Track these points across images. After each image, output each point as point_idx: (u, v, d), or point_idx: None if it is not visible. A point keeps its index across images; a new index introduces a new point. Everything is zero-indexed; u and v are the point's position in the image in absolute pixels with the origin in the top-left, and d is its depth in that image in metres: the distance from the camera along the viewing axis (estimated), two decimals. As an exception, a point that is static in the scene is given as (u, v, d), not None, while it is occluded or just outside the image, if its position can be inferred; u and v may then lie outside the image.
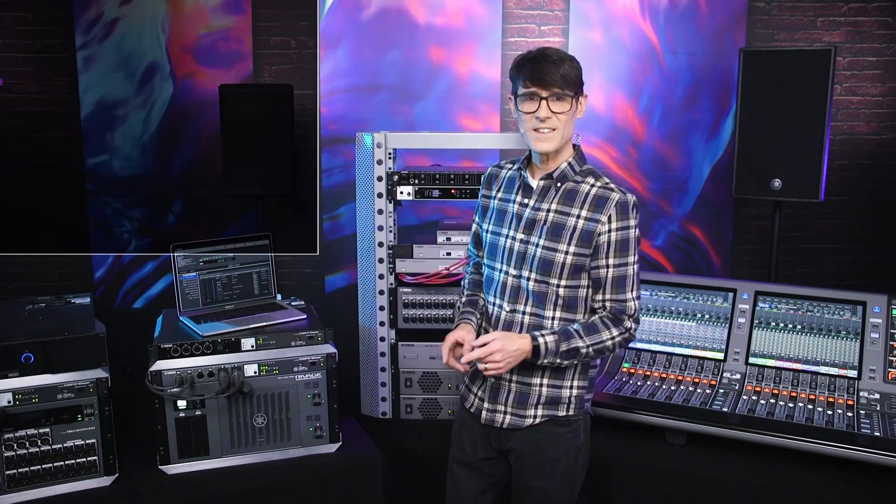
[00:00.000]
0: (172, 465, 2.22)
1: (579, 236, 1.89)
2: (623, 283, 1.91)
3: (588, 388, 2.01)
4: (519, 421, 1.96)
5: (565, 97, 1.87)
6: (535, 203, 1.95)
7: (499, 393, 1.98)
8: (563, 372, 1.95)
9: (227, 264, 2.52)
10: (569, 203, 1.92)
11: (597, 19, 3.63)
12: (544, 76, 1.84)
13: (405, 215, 3.35)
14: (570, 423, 1.97)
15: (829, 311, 2.55)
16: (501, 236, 2.00)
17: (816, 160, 3.01)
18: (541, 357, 1.88)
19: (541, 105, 1.86)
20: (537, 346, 1.87)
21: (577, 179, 1.94)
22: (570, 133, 1.93)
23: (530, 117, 1.88)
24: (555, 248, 1.90)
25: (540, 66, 1.85)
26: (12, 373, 2.06)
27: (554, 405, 1.95)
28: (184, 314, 2.44)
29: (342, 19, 3.63)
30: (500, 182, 2.07)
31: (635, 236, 1.91)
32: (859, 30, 3.62)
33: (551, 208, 1.93)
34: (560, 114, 1.87)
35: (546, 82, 1.85)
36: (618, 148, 3.72)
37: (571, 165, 1.94)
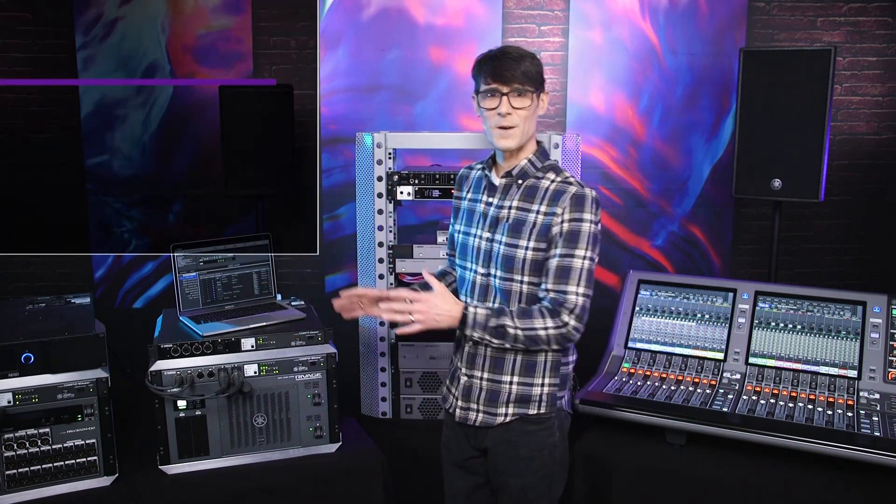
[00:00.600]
0: (172, 465, 2.22)
1: (538, 231, 1.90)
2: (567, 274, 1.86)
3: (560, 386, 1.99)
4: (490, 419, 1.97)
5: (526, 93, 1.89)
6: (499, 201, 1.98)
7: (471, 391, 2.00)
8: (532, 370, 1.95)
9: (227, 264, 2.52)
10: (529, 199, 1.93)
11: (597, 19, 3.63)
12: (505, 72, 1.87)
13: (405, 215, 3.35)
14: (542, 420, 1.97)
15: (829, 311, 2.55)
16: (471, 236, 2.03)
17: (816, 160, 3.01)
18: (467, 326, 1.87)
19: (502, 101, 1.89)
20: (466, 314, 1.87)
21: (539, 176, 1.95)
22: (532, 129, 1.95)
23: (492, 114, 1.90)
24: (516, 245, 1.92)
25: (501, 62, 1.88)
26: (12, 373, 2.06)
27: (524, 403, 1.95)
28: (184, 314, 2.44)
29: (342, 19, 3.63)
30: (470, 183, 2.11)
31: (590, 231, 1.87)
32: (859, 30, 3.62)
33: (513, 205, 1.95)
34: (520, 110, 1.89)
35: (506, 78, 1.87)
36: (618, 148, 3.72)
37: (532, 162, 1.96)
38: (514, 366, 1.95)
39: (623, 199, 3.76)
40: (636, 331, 2.71)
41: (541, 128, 3.67)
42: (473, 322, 1.88)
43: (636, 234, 3.79)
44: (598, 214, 1.90)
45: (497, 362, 1.96)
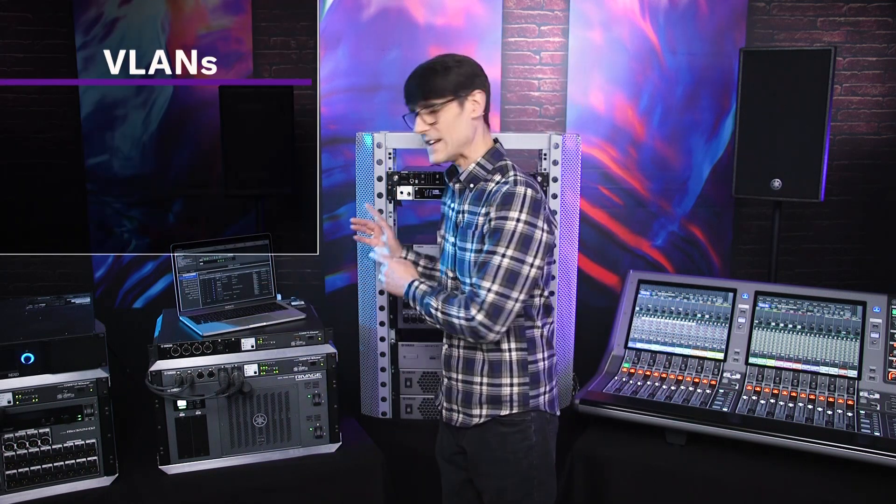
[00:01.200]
0: (172, 465, 2.22)
1: (478, 234, 1.90)
2: (484, 270, 1.81)
3: (531, 385, 1.95)
4: (468, 419, 1.98)
5: (437, 107, 1.90)
6: (457, 206, 2.02)
7: (451, 392, 2.02)
8: (499, 370, 1.94)
9: (227, 264, 2.52)
10: (476, 203, 1.93)
11: (597, 19, 3.63)
12: (409, 93, 1.94)
13: (405, 215, 3.35)
14: (516, 423, 1.95)
15: (829, 311, 2.55)
16: (447, 241, 2.07)
17: (816, 160, 3.01)
18: (409, 297, 1.99)
19: (416, 121, 1.94)
20: (410, 285, 1.99)
21: (487, 178, 1.95)
22: (462, 136, 1.94)
23: (418, 133, 1.96)
24: (465, 248, 1.94)
25: (407, 84, 1.94)
26: (12, 373, 2.06)
27: (496, 404, 1.95)
28: (184, 314, 2.44)
29: (342, 19, 3.63)
30: (448, 189, 2.13)
31: (517, 229, 1.80)
32: (859, 30, 3.62)
33: (464, 209, 1.98)
34: (435, 123, 1.91)
35: (412, 98, 1.93)
36: (618, 148, 3.72)
37: (482, 165, 1.96)
38: (483, 367, 1.96)
39: (623, 199, 3.76)
40: (636, 331, 2.71)
41: (541, 128, 3.68)
42: (413, 295, 1.98)
43: (636, 234, 3.79)
44: (534, 214, 1.82)
45: (468, 363, 1.97)
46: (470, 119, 1.93)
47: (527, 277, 1.82)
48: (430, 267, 2.29)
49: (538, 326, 1.97)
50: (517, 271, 1.81)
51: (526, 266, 1.81)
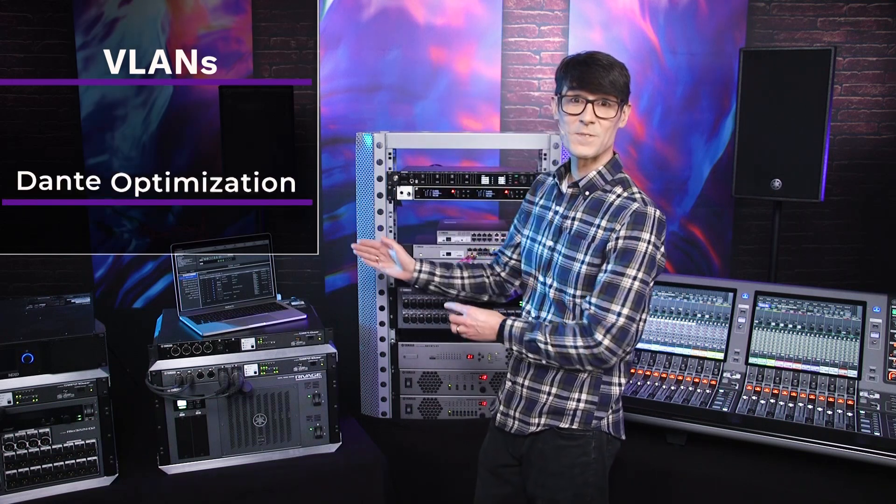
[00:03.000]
0: (172, 465, 2.22)
1: (595, 246, 1.85)
2: (612, 292, 1.79)
3: (599, 406, 1.92)
4: (524, 427, 1.96)
5: (611, 103, 1.84)
6: (564, 211, 1.95)
7: (512, 398, 1.99)
8: (571, 383, 1.91)
9: (227, 264, 2.52)
10: (593, 212, 1.88)
11: (597, 19, 3.63)
12: (593, 80, 1.81)
13: (405, 215, 3.35)
14: (576, 437, 1.92)
15: (829, 311, 2.55)
16: (537, 243, 2.00)
17: (816, 160, 3.01)
18: (504, 338, 1.91)
19: (586, 108, 1.83)
20: (503, 327, 1.90)
21: (606, 189, 1.90)
22: (611, 141, 1.91)
23: (574, 119, 1.85)
24: (573, 258, 1.88)
25: (590, 69, 1.82)
26: (12, 373, 2.06)
27: (557, 415, 1.92)
28: (184, 314, 2.44)
29: (342, 19, 3.63)
30: (545, 189, 2.07)
31: (647, 251, 1.79)
32: (859, 30, 3.62)
33: (576, 217, 1.91)
34: (604, 119, 1.84)
35: (594, 86, 1.81)
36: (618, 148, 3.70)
37: (602, 175, 1.91)
38: (555, 376, 1.92)
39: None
40: (636, 331, 2.71)
41: (541, 128, 3.68)
42: (510, 335, 1.90)
43: (636, 234, 3.79)
44: (660, 236, 1.82)
45: (539, 371, 1.94)
46: (618, 127, 1.90)
47: (649, 298, 1.85)
48: (447, 276, 2.22)
49: None
50: (643, 293, 1.80)
51: (648, 287, 1.82)
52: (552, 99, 1.94)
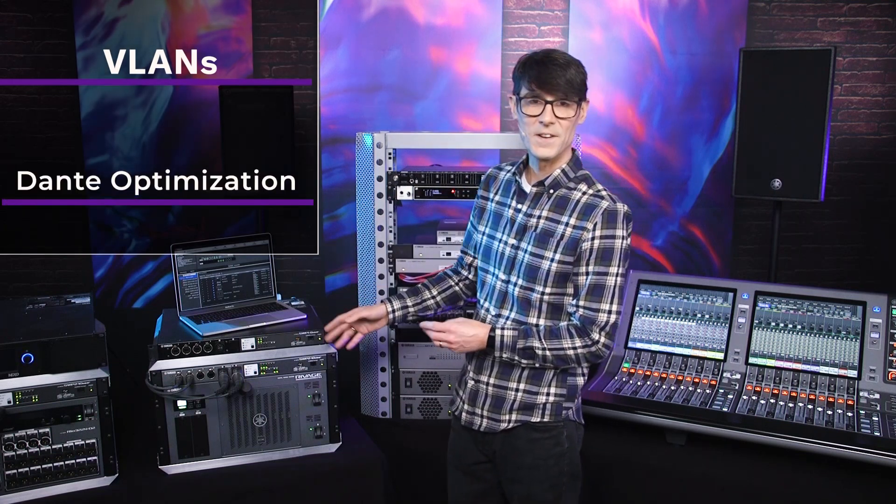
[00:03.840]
0: (172, 465, 2.22)
1: (565, 244, 1.87)
2: (599, 293, 1.85)
3: (567, 397, 1.96)
4: (494, 425, 1.96)
5: (570, 103, 1.84)
6: (528, 209, 1.95)
7: (477, 396, 1.99)
8: (539, 379, 1.93)
9: (227, 264, 2.52)
10: (559, 210, 1.90)
11: (597, 19, 3.63)
12: (550, 80, 1.81)
13: (405, 215, 3.35)
14: (549, 429, 1.94)
15: (829, 311, 2.55)
16: (496, 240, 2.00)
17: (816, 160, 3.01)
18: (496, 349, 1.89)
19: (545, 109, 1.83)
20: (493, 336, 1.89)
21: (570, 186, 1.92)
22: (571, 139, 1.92)
23: (533, 121, 1.85)
24: (541, 255, 1.89)
25: (547, 69, 1.82)
26: (12, 373, 2.06)
27: (528, 410, 1.94)
28: (184, 314, 2.44)
29: (342, 19, 3.63)
30: (499, 185, 2.06)
31: (622, 247, 1.85)
32: (859, 30, 3.62)
33: (542, 215, 1.92)
34: (564, 119, 1.85)
35: (552, 87, 1.82)
36: (618, 148, 3.72)
37: (565, 172, 1.93)
38: (522, 373, 1.94)
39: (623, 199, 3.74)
40: (636, 331, 2.71)
41: (541, 128, 3.68)
42: (501, 345, 1.89)
43: (636, 234, 3.79)
44: (629, 230, 1.88)
45: (505, 369, 1.95)
46: (577, 124, 1.91)
47: None
48: (418, 302, 2.20)
49: None
50: (622, 287, 1.88)
51: (625, 280, 1.90)
52: (510, 99, 1.94)
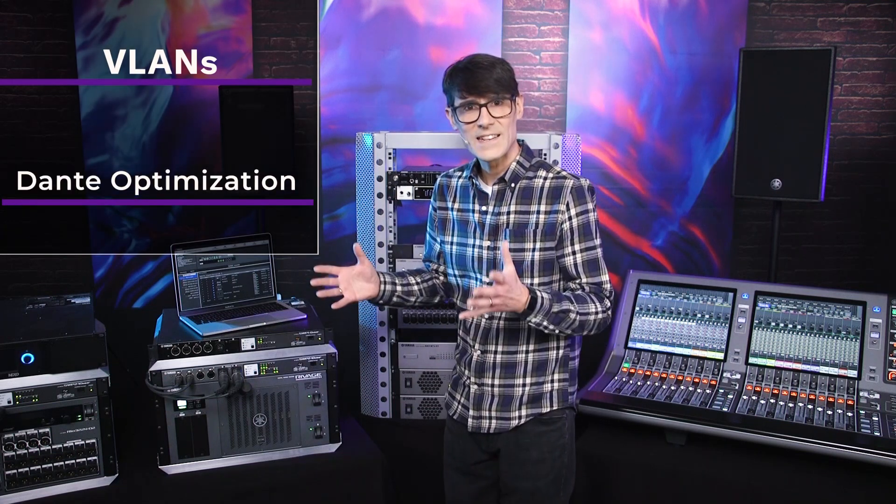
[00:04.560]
0: (172, 465, 2.22)
1: (543, 231, 1.89)
2: (595, 266, 1.91)
3: (569, 381, 1.99)
4: (505, 424, 1.96)
5: (503, 101, 1.87)
6: (494, 208, 1.95)
7: (482, 399, 1.98)
8: (543, 369, 1.95)
9: (227, 264, 2.52)
10: (526, 201, 1.92)
11: (597, 19, 3.63)
12: (479, 83, 1.84)
13: (405, 215, 3.35)
14: (554, 420, 1.96)
15: (829, 311, 2.55)
16: (468, 246, 1.99)
17: (816, 160, 3.01)
18: (535, 311, 1.77)
19: (481, 112, 1.86)
20: (534, 298, 1.77)
21: (530, 175, 1.94)
22: (514, 135, 1.94)
23: (472, 126, 1.88)
24: (521, 249, 1.90)
25: (473, 73, 1.85)
26: (12, 373, 2.06)
27: (537, 403, 1.95)
28: (184, 314, 2.44)
29: (342, 19, 3.63)
30: (454, 192, 2.06)
31: (595, 219, 1.92)
32: (859, 30, 3.62)
33: (511, 210, 1.93)
34: (501, 118, 1.87)
35: (482, 89, 1.85)
36: (618, 148, 3.72)
37: (520, 163, 1.95)
38: (526, 368, 1.95)
39: (623, 199, 3.76)
40: (636, 331, 2.71)
41: (541, 128, 3.68)
42: (541, 307, 1.78)
43: (636, 234, 3.79)
44: (595, 200, 1.94)
45: (508, 368, 1.95)
46: (516, 119, 1.94)
47: None
48: (404, 284, 2.09)
49: None
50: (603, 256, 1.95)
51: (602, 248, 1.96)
52: (446, 112, 1.97)
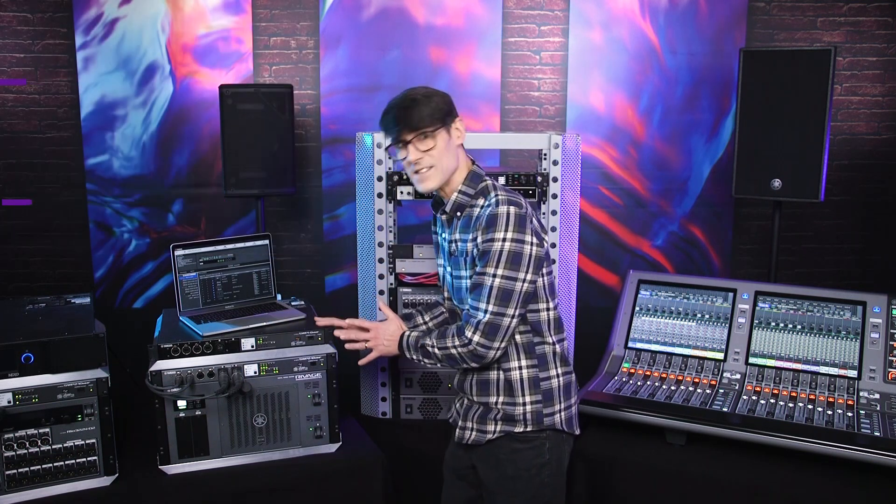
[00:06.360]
0: (172, 465, 2.22)
1: (471, 259, 1.93)
2: (478, 292, 1.87)
3: (545, 403, 1.96)
4: (481, 436, 1.98)
5: (430, 134, 1.90)
6: (449, 235, 2.05)
7: (469, 411, 2.03)
8: (511, 389, 1.95)
9: (227, 264, 2.52)
10: (465, 230, 1.97)
11: (597, 19, 3.63)
12: (401, 122, 1.90)
13: (405, 215, 3.35)
14: (530, 439, 1.95)
15: (829, 311, 2.55)
16: (447, 272, 2.11)
17: (816, 160, 3.01)
18: (403, 349, 2.02)
19: (409, 150, 1.92)
20: (401, 338, 2.03)
21: (473, 204, 1.97)
22: (452, 163, 1.96)
23: (406, 163, 1.96)
24: (460, 276, 1.99)
25: (394, 114, 1.92)
26: (12, 373, 2.06)
27: (510, 422, 1.96)
28: (184, 314, 2.44)
29: (342, 19, 3.63)
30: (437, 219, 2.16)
31: (505, 249, 1.83)
32: (859, 30, 3.63)
33: (455, 238, 2.01)
34: (430, 150, 1.91)
35: (403, 128, 1.90)
36: (618, 148, 3.72)
37: (464, 192, 1.98)
38: (499, 386, 1.97)
39: (623, 199, 3.76)
40: (636, 331, 2.71)
41: (541, 128, 3.68)
42: (407, 344, 2.01)
43: (636, 234, 3.79)
44: (518, 231, 1.84)
45: (483, 385, 1.99)
46: (455, 146, 1.97)
47: (520, 293, 1.86)
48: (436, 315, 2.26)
49: (549, 343, 1.98)
50: (510, 289, 1.85)
51: (518, 283, 1.86)
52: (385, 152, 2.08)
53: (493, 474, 1.99)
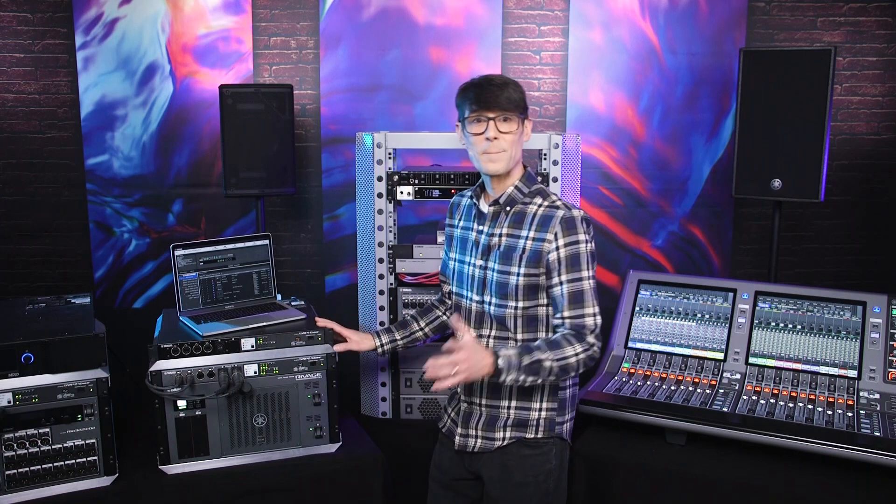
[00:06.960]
0: (172, 465, 2.22)
1: (528, 257, 1.92)
2: (580, 299, 1.90)
3: (558, 411, 1.99)
4: (489, 444, 1.98)
5: (511, 118, 1.92)
6: (489, 229, 2.01)
7: (470, 418, 2.02)
8: (530, 393, 1.95)
9: (227, 264, 2.52)
10: (518, 225, 1.96)
11: (597, 19, 3.63)
12: (490, 98, 1.90)
13: (405, 215, 3.35)
14: (540, 445, 1.97)
15: (829, 311, 2.55)
16: (466, 264, 2.06)
17: (816, 160, 3.01)
18: (503, 373, 1.80)
19: (489, 126, 1.91)
20: (498, 360, 1.80)
21: (526, 201, 1.98)
22: (518, 156, 1.98)
23: (479, 139, 1.93)
24: (508, 271, 1.95)
25: (485, 89, 1.92)
26: (12, 373, 2.06)
27: (522, 427, 1.96)
28: (184, 314, 2.44)
29: (342, 19, 3.63)
30: (461, 211, 2.14)
31: (587, 251, 1.92)
32: (859, 30, 3.62)
33: (503, 232, 1.98)
34: (507, 134, 1.92)
35: (491, 104, 1.90)
36: (618, 148, 3.72)
37: (519, 188, 1.99)
38: (512, 390, 1.96)
39: (623, 199, 3.76)
40: (636, 331, 2.71)
41: (541, 128, 3.68)
42: (507, 366, 1.80)
43: (636, 234, 3.79)
44: (590, 232, 1.94)
45: (494, 388, 1.97)
46: (522, 142, 1.98)
47: None
48: (407, 335, 2.30)
49: None
50: (595, 288, 1.94)
51: (595, 280, 1.95)
52: (456, 126, 2.03)
53: (501, 482, 1.98)
